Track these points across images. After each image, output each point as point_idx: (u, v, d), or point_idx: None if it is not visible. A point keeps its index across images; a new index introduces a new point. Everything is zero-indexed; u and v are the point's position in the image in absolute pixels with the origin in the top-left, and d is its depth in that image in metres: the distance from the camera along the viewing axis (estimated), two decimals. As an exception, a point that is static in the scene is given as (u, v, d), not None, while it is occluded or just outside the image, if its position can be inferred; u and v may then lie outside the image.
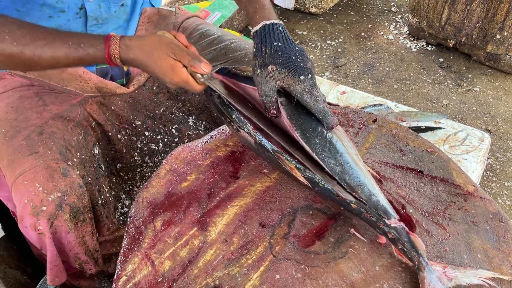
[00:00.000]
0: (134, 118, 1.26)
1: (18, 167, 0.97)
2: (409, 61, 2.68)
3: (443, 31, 2.60)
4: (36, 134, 1.02)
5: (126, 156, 1.25)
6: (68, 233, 0.98)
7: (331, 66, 2.69)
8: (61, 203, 0.95)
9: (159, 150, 1.31)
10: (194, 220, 0.91)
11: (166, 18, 1.36)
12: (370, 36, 2.93)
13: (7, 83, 1.11)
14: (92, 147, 1.13)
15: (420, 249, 0.78)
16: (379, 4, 3.26)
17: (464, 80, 2.53)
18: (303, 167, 0.86)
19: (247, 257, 0.84)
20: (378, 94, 2.41)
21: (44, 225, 0.95)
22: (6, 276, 1.31)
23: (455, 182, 0.97)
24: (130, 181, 1.26)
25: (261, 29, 0.90)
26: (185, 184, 0.99)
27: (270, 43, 0.89)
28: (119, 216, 1.17)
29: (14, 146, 0.99)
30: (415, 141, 1.07)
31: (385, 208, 0.81)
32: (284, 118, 0.90)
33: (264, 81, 0.88)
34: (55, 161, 0.98)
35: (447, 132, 1.59)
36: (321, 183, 0.84)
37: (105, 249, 1.13)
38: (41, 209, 0.94)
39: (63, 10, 1.06)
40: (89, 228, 1.03)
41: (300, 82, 0.86)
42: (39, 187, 0.94)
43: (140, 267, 0.83)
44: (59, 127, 1.06)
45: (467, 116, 2.31)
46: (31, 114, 1.06)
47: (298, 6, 3.03)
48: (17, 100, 1.08)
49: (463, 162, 1.48)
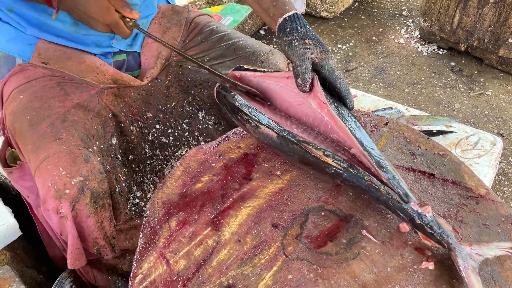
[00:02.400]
0: (145, 110, 1.28)
1: (42, 152, 1.00)
2: (421, 65, 2.68)
3: (455, 35, 2.59)
4: (60, 121, 1.06)
5: (137, 148, 1.27)
6: (88, 217, 1.01)
7: (342, 70, 2.70)
8: (83, 187, 0.98)
9: (169, 144, 1.33)
10: (208, 220, 0.93)
11: (179, 14, 1.40)
12: (381, 40, 2.94)
13: (30, 73, 1.15)
14: (110, 138, 1.17)
15: (448, 230, 0.81)
16: (390, 8, 3.27)
17: (476, 84, 2.53)
18: (332, 153, 0.90)
19: (260, 257, 0.85)
20: (389, 98, 2.41)
21: (66, 208, 0.97)
22: (23, 275, 1.34)
23: (466, 185, 0.98)
24: (141, 172, 1.28)
25: (294, 15, 1.04)
26: (199, 185, 1.01)
27: (303, 25, 1.02)
28: (131, 207, 1.19)
29: (39, 132, 1.03)
30: (426, 144, 1.07)
31: (405, 191, 0.85)
32: (319, 91, 0.95)
33: (302, 52, 0.97)
34: (77, 147, 1.02)
35: (459, 136, 1.59)
36: (350, 168, 0.88)
37: (119, 241, 1.16)
38: (64, 192, 0.97)
39: None
40: (107, 214, 1.05)
41: (331, 58, 0.97)
42: (63, 171, 0.97)
43: (156, 266, 0.85)
44: (80, 116, 1.10)
45: (479, 120, 2.30)
46: (54, 102, 1.09)
47: (309, 10, 3.05)
48: (40, 90, 1.11)
49: (475, 166, 1.48)
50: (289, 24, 1.02)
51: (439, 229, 0.81)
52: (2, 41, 1.16)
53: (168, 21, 1.37)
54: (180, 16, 1.39)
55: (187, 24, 1.38)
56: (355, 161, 0.92)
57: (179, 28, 1.36)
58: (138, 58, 1.32)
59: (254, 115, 1.00)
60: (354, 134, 0.92)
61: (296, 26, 1.01)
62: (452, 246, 0.80)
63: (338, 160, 0.90)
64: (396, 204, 0.85)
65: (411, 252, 0.85)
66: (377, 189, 0.86)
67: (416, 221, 0.83)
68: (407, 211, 0.83)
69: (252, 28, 2.98)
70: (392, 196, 0.85)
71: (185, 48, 1.35)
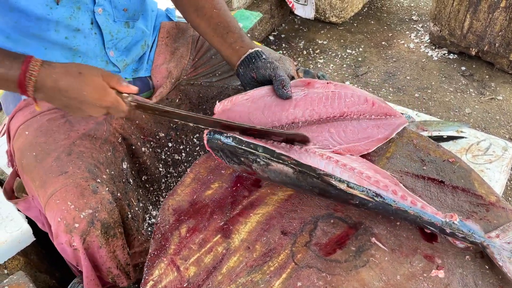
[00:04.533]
0: (158, 131, 1.29)
1: (50, 187, 1.01)
2: (431, 70, 2.67)
3: (465, 39, 2.58)
4: (65, 154, 1.06)
5: (150, 168, 1.28)
6: (100, 248, 1.01)
7: (352, 75, 2.70)
8: (92, 219, 0.99)
9: (182, 160, 1.34)
10: (217, 227, 0.94)
11: (185, 32, 1.39)
12: (391, 45, 2.93)
13: (34, 108, 1.15)
14: (121, 162, 1.16)
15: (478, 230, 0.85)
16: (399, 12, 3.26)
17: (487, 88, 2.51)
18: (355, 184, 0.89)
19: (270, 264, 0.86)
20: (399, 103, 2.40)
21: (78, 242, 0.98)
22: (36, 280, 1.36)
23: (477, 192, 0.97)
24: (156, 192, 1.29)
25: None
26: (209, 192, 1.02)
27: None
28: (147, 227, 1.19)
29: (45, 167, 1.04)
30: (436, 151, 1.07)
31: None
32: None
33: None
34: (84, 179, 1.02)
35: (470, 141, 1.58)
36: (376, 197, 0.88)
37: (134, 259, 1.16)
38: (74, 226, 0.97)
39: (78, 28, 1.07)
40: (119, 243, 1.05)
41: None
42: (71, 205, 0.98)
43: (166, 273, 0.86)
44: (86, 146, 1.10)
45: (490, 125, 2.28)
46: (59, 136, 1.10)
47: (318, 15, 3.06)
48: (45, 124, 1.12)
49: (486, 172, 1.46)
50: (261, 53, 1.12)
51: (469, 231, 0.85)
52: None
53: (174, 41, 1.36)
54: (186, 34, 1.38)
55: (193, 43, 1.37)
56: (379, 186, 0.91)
57: (187, 47, 1.35)
58: (146, 81, 1.33)
59: (262, 151, 0.92)
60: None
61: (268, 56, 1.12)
62: (485, 243, 0.84)
63: (363, 190, 0.88)
64: (424, 220, 0.86)
65: (420, 260, 0.85)
66: (405, 211, 0.87)
67: (447, 230, 0.85)
68: (437, 224, 0.85)
69: (262, 34, 2.99)
70: (420, 214, 0.86)
71: (195, 66, 1.35)
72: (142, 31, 1.26)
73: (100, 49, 1.15)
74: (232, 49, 1.14)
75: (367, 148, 1.05)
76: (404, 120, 1.13)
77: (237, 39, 1.14)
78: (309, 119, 1.06)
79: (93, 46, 1.13)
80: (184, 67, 1.34)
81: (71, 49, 1.10)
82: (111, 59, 1.18)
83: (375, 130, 1.08)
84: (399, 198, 0.88)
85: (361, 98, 1.10)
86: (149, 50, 1.33)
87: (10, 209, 1.44)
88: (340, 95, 1.09)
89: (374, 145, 1.06)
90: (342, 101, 1.09)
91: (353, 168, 0.94)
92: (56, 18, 1.03)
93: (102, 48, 1.15)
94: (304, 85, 1.10)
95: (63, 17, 1.03)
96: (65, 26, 1.06)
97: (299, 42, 3.04)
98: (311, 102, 1.08)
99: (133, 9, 1.18)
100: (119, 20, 1.15)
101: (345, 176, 0.91)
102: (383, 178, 0.92)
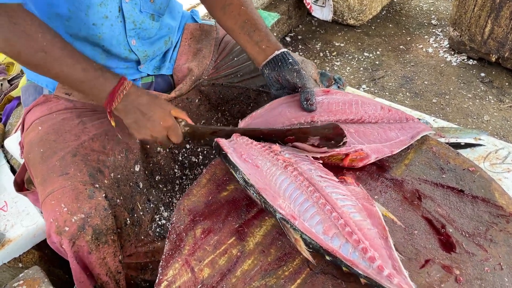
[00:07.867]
0: None
1: (48, 186, 1.02)
2: (449, 75, 2.64)
3: (486, 45, 2.54)
4: (71, 155, 1.07)
5: (164, 168, 1.27)
6: (90, 253, 1.01)
7: (368, 79, 2.68)
8: (83, 224, 0.98)
9: (199, 163, 1.34)
10: (232, 229, 0.93)
11: (208, 34, 1.40)
12: (409, 49, 2.90)
13: (52, 105, 1.17)
14: (133, 165, 1.16)
15: None
16: (418, 16, 3.22)
17: (507, 96, 2.47)
18: (309, 237, 0.82)
19: (284, 269, 0.85)
20: (416, 108, 2.38)
21: (66, 245, 0.98)
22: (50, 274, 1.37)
23: (497, 203, 0.95)
24: (169, 192, 1.29)
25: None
26: (225, 193, 1.01)
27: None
28: (156, 228, 1.19)
29: (48, 166, 1.05)
30: (456, 159, 1.06)
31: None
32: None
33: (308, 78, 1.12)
34: (82, 183, 1.02)
35: (488, 149, 1.55)
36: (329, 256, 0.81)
37: (139, 258, 1.16)
38: (64, 229, 0.98)
39: (106, 15, 1.08)
40: (111, 250, 1.05)
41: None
42: (64, 208, 0.98)
43: (181, 273, 0.86)
44: (94, 148, 1.10)
45: (509, 133, 2.25)
46: (69, 136, 1.10)
47: (336, 18, 3.04)
48: (59, 122, 1.13)
49: (504, 181, 1.44)
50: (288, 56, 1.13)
51: None
52: (31, 71, 1.16)
53: (197, 42, 1.37)
54: (209, 37, 1.39)
55: (216, 45, 1.38)
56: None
57: (209, 49, 1.37)
58: (168, 79, 1.34)
59: (241, 180, 0.92)
60: None
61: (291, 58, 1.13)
62: None
63: (315, 246, 0.82)
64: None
65: (438, 270, 0.83)
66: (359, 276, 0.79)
67: None
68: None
69: (279, 35, 2.99)
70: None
71: (217, 68, 1.36)
72: (168, 27, 1.27)
73: (124, 37, 1.16)
74: (259, 48, 1.15)
75: (391, 150, 1.04)
76: (428, 127, 1.12)
77: (263, 37, 1.15)
78: (328, 120, 1.08)
79: (117, 34, 1.14)
80: (206, 67, 1.34)
81: (95, 35, 1.10)
82: (132, 48, 1.19)
83: (397, 132, 1.09)
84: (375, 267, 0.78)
85: (377, 105, 1.13)
86: (172, 50, 1.33)
87: (26, 203, 1.46)
88: (357, 102, 1.12)
89: (398, 147, 1.05)
90: (359, 107, 1.11)
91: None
92: (87, 2, 1.04)
93: (125, 36, 1.16)
94: (323, 93, 1.14)
95: (95, 3, 1.05)
96: (94, 13, 1.06)
97: (315, 43, 3.03)
98: (328, 106, 1.11)
99: (159, 2, 1.18)
100: (145, 11, 1.16)
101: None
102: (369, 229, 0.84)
